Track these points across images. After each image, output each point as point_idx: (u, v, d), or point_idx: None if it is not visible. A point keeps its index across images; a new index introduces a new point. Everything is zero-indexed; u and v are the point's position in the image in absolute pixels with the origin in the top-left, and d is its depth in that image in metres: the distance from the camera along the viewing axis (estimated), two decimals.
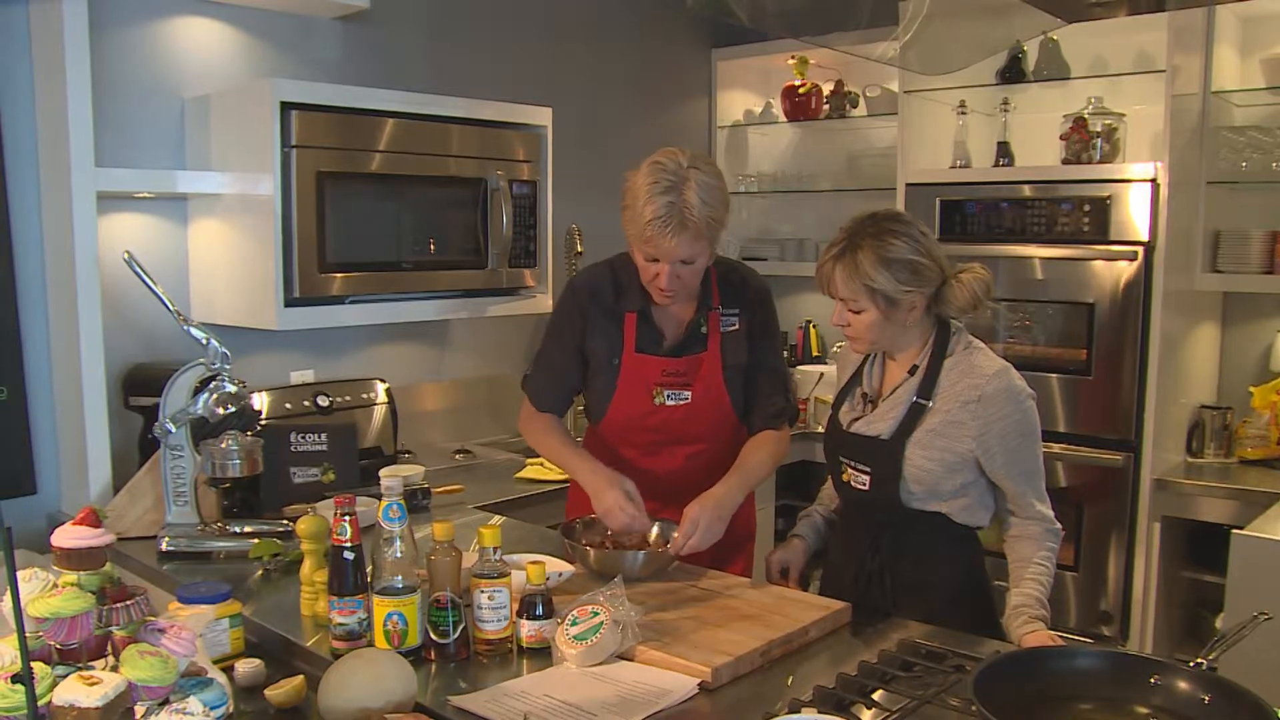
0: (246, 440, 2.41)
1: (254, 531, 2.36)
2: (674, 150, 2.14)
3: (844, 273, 1.95)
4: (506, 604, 1.77)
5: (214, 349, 2.33)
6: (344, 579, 1.75)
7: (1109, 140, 3.54)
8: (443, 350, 3.67)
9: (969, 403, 1.96)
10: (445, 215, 3.09)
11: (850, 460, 2.09)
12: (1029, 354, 3.57)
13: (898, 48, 2.95)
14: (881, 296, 1.95)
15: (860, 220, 2.00)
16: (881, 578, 2.07)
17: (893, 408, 2.04)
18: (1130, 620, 3.41)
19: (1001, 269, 3.57)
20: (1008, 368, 2.00)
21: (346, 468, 2.71)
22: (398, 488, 1.78)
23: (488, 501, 2.87)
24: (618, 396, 2.33)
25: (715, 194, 2.11)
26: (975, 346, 2.04)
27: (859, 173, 4.45)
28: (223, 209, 2.88)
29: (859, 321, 1.99)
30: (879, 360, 2.13)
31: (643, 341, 2.31)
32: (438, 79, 3.52)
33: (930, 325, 2.05)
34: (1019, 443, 1.98)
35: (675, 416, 2.32)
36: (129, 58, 2.86)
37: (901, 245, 1.95)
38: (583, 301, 2.35)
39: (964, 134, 3.86)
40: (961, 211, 3.70)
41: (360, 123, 2.86)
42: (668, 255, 2.13)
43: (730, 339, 2.33)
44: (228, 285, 2.90)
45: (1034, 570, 1.97)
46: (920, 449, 1.99)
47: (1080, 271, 3.43)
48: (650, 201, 2.08)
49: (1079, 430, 3.47)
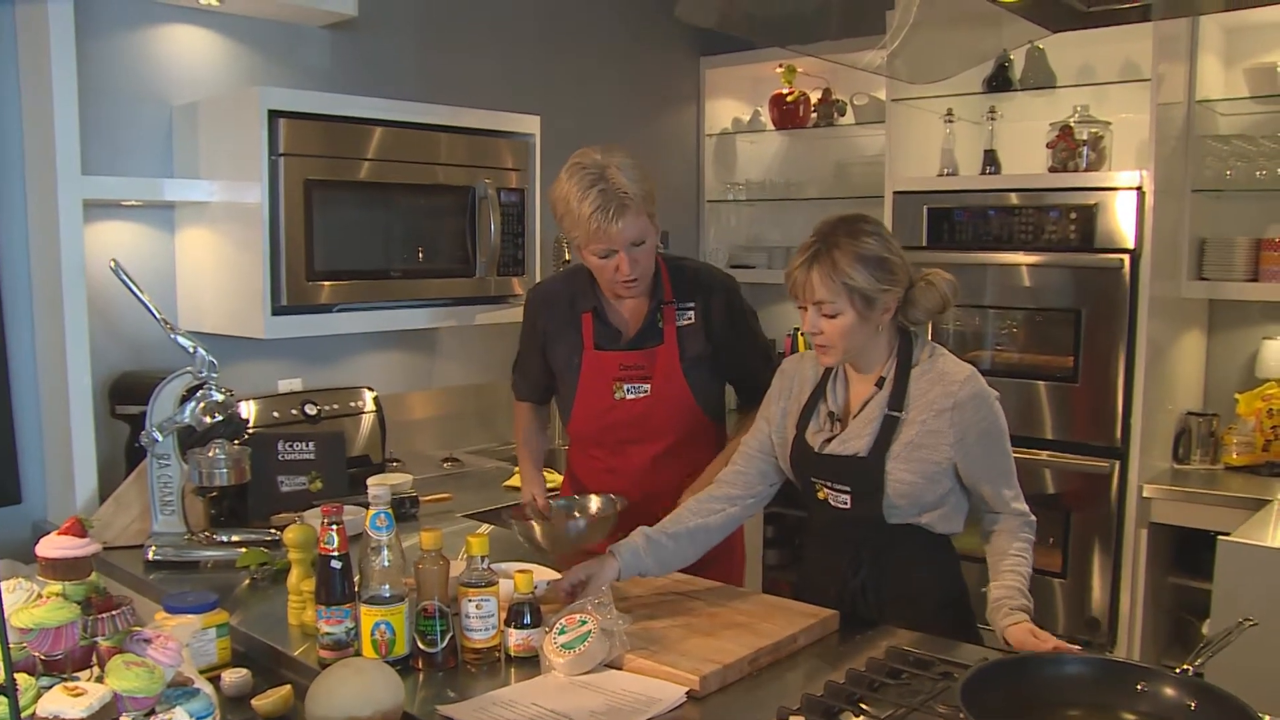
0: (234, 449, 2.41)
1: (241, 540, 2.36)
2: (584, 150, 2.23)
3: (822, 272, 1.93)
4: (494, 613, 1.77)
5: (201, 357, 2.32)
6: (331, 588, 1.75)
7: (1095, 148, 3.55)
8: (431, 358, 3.67)
9: (944, 410, 1.96)
10: (433, 223, 3.09)
11: (826, 481, 2.06)
12: (1016, 361, 3.58)
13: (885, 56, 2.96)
14: (859, 296, 1.93)
15: (829, 223, 1.98)
16: (864, 592, 2.06)
17: (865, 424, 2.01)
18: (1118, 626, 3.41)
19: (989, 276, 3.58)
20: (975, 371, 2.00)
21: (334, 476, 2.70)
22: (385, 496, 1.78)
23: (476, 510, 2.87)
24: (580, 394, 2.40)
25: (638, 171, 2.20)
26: (940, 353, 2.04)
27: (847, 181, 4.46)
28: (210, 217, 2.87)
29: (833, 327, 1.95)
30: (841, 377, 2.10)
31: (600, 339, 2.39)
32: (426, 87, 3.52)
33: (894, 334, 2.04)
34: (994, 443, 1.99)
35: (636, 410, 2.37)
36: (116, 64, 2.85)
37: (874, 243, 1.94)
38: (536, 313, 2.49)
39: (951, 142, 3.87)
40: (949, 219, 3.71)
41: (348, 131, 2.86)
42: (618, 241, 2.19)
43: (687, 332, 2.38)
44: (215, 293, 2.89)
45: (1011, 562, 1.97)
46: (900, 463, 1.97)
47: (1067, 278, 3.44)
48: (584, 197, 2.16)
49: (1066, 437, 3.48)
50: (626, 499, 2.34)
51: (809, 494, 2.11)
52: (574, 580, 1.95)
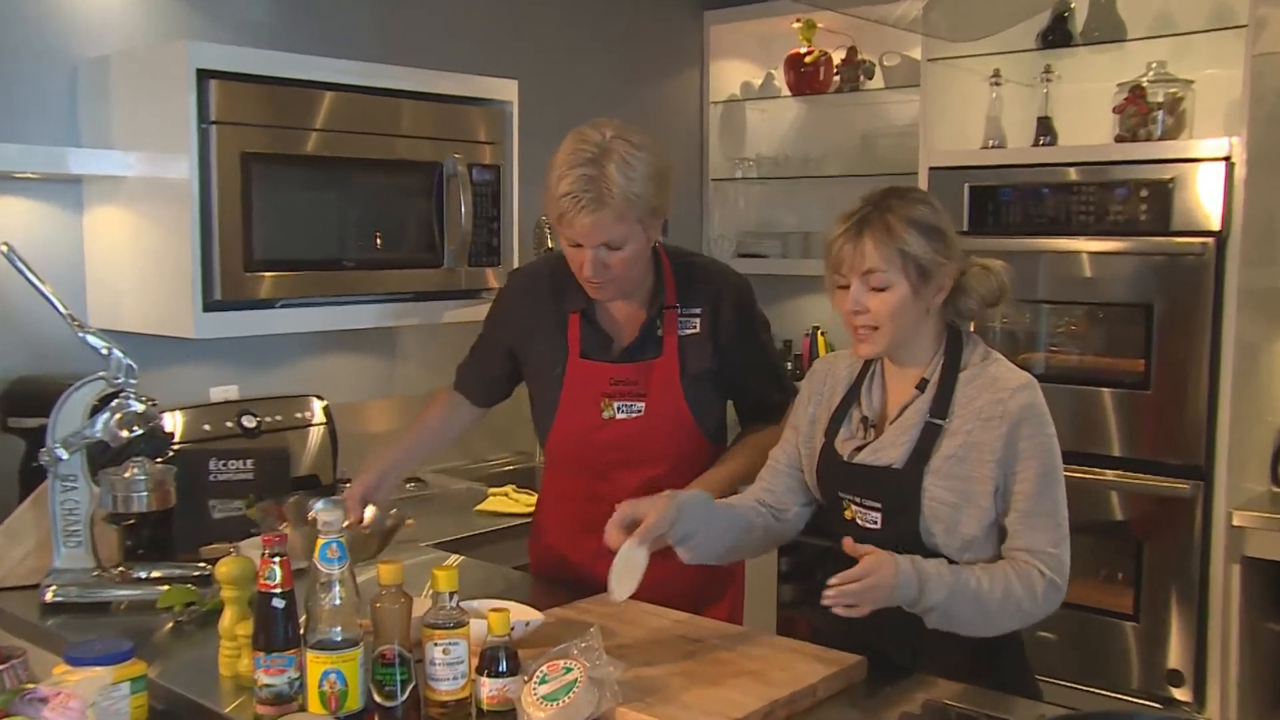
0: (156, 469, 2.40)
1: (163, 577, 2.34)
2: (603, 120, 2.21)
3: (875, 236, 1.95)
4: (464, 659, 1.75)
5: (117, 360, 2.30)
6: (272, 631, 1.73)
7: (1173, 112, 3.52)
8: (391, 362, 3.66)
9: (991, 419, 1.96)
10: (394, 205, 3.10)
11: (854, 496, 2.07)
12: (1076, 365, 3.56)
13: (920, 9, 2.95)
14: (914, 266, 1.95)
15: (876, 192, 2.03)
16: (897, 633, 2.03)
17: (902, 431, 2.02)
18: (1206, 682, 3.38)
19: (1043, 266, 3.57)
20: (1033, 381, 2.01)
21: (277, 500, 2.65)
22: (337, 523, 1.75)
23: (443, 539, 2.88)
24: (562, 410, 2.40)
25: (643, 168, 2.17)
26: (995, 358, 2.05)
27: (874, 155, 4.46)
28: (127, 195, 2.86)
29: (883, 303, 1.96)
30: (878, 378, 2.12)
31: (588, 346, 2.38)
32: (385, 46, 3.51)
33: (941, 328, 2.06)
34: (1045, 474, 1.96)
35: (627, 431, 2.36)
36: (7, 7, 2.82)
37: (927, 210, 1.99)
38: (513, 302, 2.50)
39: (998, 109, 3.86)
40: (994, 199, 3.70)
41: (293, 96, 2.85)
42: (585, 237, 2.18)
43: (690, 343, 2.37)
44: (135, 285, 2.88)
45: (987, 569, 1.92)
46: (939, 479, 1.98)
47: (1137, 268, 3.42)
48: (565, 175, 2.15)
49: (1137, 454, 3.46)
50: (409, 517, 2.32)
51: (835, 513, 2.12)
52: (631, 516, 1.96)
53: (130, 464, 2.37)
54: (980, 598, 1.89)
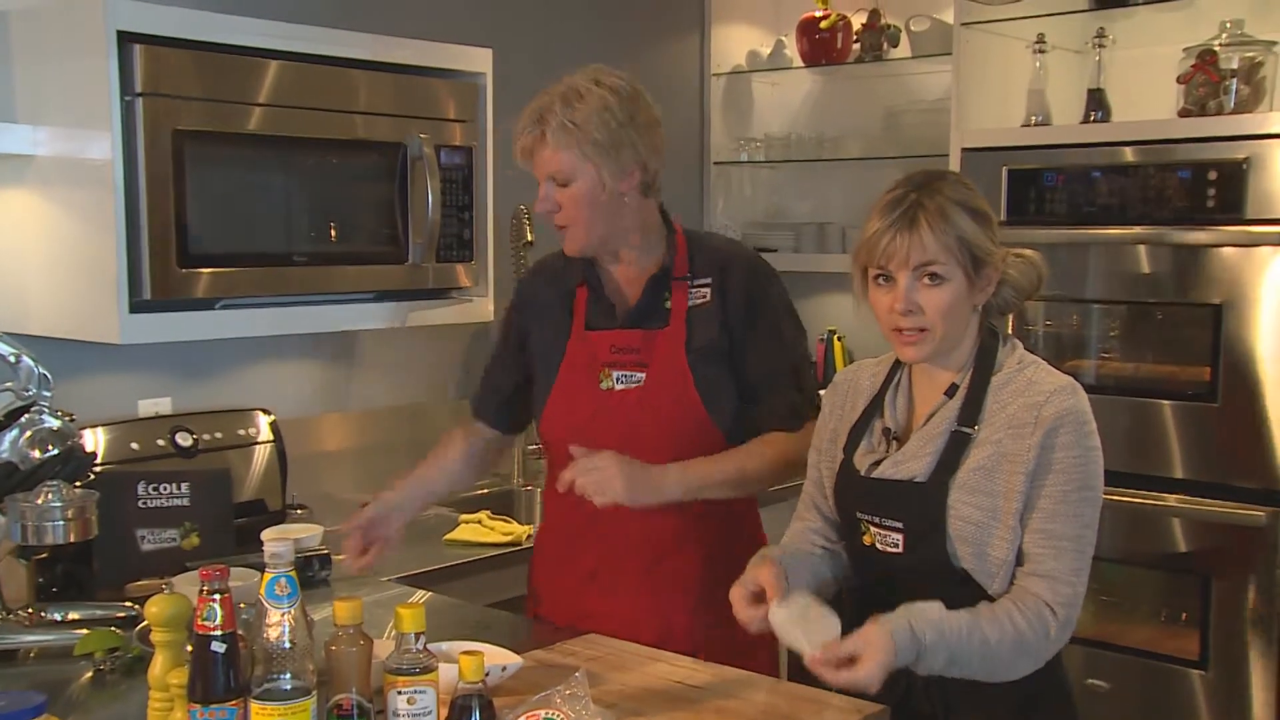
0: (75, 494, 2.39)
1: (83, 619, 2.34)
2: (595, 66, 2.43)
3: (933, 224, 1.97)
4: (432, 708, 1.75)
5: (27, 369, 2.33)
6: (212, 679, 1.71)
7: (1249, 81, 3.51)
8: (348, 371, 3.66)
9: (1023, 427, 1.98)
10: (351, 192, 3.11)
11: (873, 516, 2.09)
12: (1130, 373, 3.57)
13: None
14: (970, 255, 1.98)
15: (915, 174, 2.06)
16: (923, 677, 2.02)
17: (927, 441, 2.05)
18: None
19: (1093, 259, 3.58)
20: (1076, 386, 2.03)
21: (216, 529, 2.71)
22: (287, 555, 1.75)
23: (408, 572, 2.89)
24: (559, 383, 2.52)
25: (594, 101, 2.34)
26: (1031, 361, 2.09)
27: (900, 134, 4.48)
28: (36, 177, 2.85)
29: (937, 300, 1.98)
30: (904, 385, 2.15)
31: (593, 317, 2.53)
32: (340, 9, 3.49)
33: (978, 330, 2.10)
34: (1080, 490, 1.97)
35: (626, 403, 2.45)
36: None
37: (971, 193, 2.04)
38: (524, 290, 2.70)
39: (1042, 80, 3.86)
40: (1037, 184, 3.70)
41: (233, 65, 2.84)
42: (534, 167, 2.40)
43: (699, 313, 2.47)
44: (47, 283, 2.87)
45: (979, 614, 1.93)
46: (966, 494, 1.99)
47: (1203, 262, 3.42)
48: (530, 103, 2.40)
49: (1202, 476, 3.45)
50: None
51: (853, 539, 2.14)
52: (750, 584, 2.03)
53: (44, 489, 2.36)
54: (987, 655, 1.92)
